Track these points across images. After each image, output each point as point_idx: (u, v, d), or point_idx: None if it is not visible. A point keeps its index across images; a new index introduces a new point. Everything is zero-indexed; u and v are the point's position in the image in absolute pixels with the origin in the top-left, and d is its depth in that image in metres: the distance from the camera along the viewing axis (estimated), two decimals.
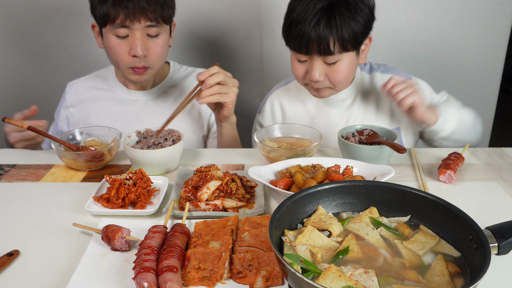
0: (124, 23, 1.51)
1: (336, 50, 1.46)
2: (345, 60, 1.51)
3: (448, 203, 0.89)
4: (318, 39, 1.43)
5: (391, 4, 2.16)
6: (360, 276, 0.77)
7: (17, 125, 1.46)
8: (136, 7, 1.49)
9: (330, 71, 1.52)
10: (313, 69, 1.51)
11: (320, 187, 0.97)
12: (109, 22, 1.52)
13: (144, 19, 1.52)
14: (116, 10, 1.49)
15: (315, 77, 1.51)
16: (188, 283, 0.88)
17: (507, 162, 1.45)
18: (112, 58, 1.63)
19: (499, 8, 2.17)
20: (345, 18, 1.42)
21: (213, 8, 2.19)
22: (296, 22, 1.45)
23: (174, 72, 1.86)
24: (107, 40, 1.58)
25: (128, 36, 1.55)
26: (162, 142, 1.39)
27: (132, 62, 1.59)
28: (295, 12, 1.46)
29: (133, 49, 1.55)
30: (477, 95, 2.38)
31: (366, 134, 1.42)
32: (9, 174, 1.41)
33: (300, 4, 1.45)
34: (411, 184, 1.31)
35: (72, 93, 1.82)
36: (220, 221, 1.07)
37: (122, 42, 1.56)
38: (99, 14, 1.53)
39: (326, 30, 1.42)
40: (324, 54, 1.47)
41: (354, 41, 1.47)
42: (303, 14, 1.43)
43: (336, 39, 1.44)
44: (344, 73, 1.54)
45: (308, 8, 1.43)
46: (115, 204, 1.16)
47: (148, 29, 1.55)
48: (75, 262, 0.97)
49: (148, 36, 1.57)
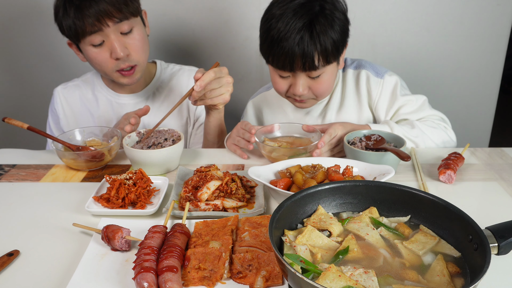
0: (93, 30, 1.49)
1: (320, 64, 1.45)
2: (328, 72, 1.51)
3: (448, 203, 0.89)
4: (303, 56, 1.41)
5: (391, 4, 2.16)
6: (360, 276, 0.77)
7: (17, 125, 1.45)
8: (98, 13, 1.47)
9: (313, 84, 1.52)
10: (297, 84, 1.50)
11: (320, 187, 0.97)
12: (80, 35, 1.51)
13: (111, 21, 1.50)
14: (80, 21, 1.48)
15: (299, 91, 1.51)
16: (188, 283, 0.88)
17: (507, 162, 1.45)
18: (97, 68, 1.63)
19: (499, 8, 2.17)
20: (326, 30, 1.41)
21: (213, 8, 2.19)
22: (278, 40, 1.42)
23: (162, 72, 1.85)
24: (86, 52, 1.58)
25: (104, 42, 1.54)
26: (162, 142, 1.39)
27: (117, 65, 1.59)
28: (275, 29, 1.42)
29: (114, 52, 1.54)
30: (477, 95, 2.38)
31: (374, 139, 1.41)
32: (9, 174, 1.41)
33: (280, 22, 1.42)
34: (411, 184, 1.31)
35: (60, 100, 1.80)
36: (220, 221, 1.07)
37: (101, 50, 1.55)
38: (67, 31, 1.53)
39: (311, 46, 1.40)
40: (308, 70, 1.46)
41: (336, 52, 1.46)
42: (285, 32, 1.40)
43: (319, 53, 1.42)
44: (327, 84, 1.54)
45: (290, 26, 1.40)
46: (115, 204, 1.16)
47: (120, 26, 1.53)
48: (75, 262, 0.97)
49: (123, 35, 1.56)
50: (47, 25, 2.24)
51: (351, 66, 1.73)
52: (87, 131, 1.54)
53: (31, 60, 2.34)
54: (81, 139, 1.53)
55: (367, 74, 1.67)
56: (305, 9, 1.42)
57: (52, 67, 2.34)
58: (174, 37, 2.23)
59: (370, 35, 2.22)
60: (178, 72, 1.87)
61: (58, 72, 2.34)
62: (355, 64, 1.73)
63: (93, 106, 1.80)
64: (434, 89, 2.35)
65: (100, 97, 1.79)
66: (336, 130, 1.43)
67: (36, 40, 2.28)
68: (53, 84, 2.31)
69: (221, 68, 1.47)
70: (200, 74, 1.40)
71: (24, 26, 2.26)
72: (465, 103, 2.40)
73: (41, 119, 1.98)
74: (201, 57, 2.30)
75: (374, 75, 1.67)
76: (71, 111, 1.80)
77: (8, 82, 2.40)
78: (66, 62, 2.32)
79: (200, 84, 1.39)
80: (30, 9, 2.22)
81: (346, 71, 1.72)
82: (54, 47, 2.29)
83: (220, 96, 1.48)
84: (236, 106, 2.38)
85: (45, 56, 2.32)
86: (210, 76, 1.40)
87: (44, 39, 2.27)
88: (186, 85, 1.84)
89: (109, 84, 1.79)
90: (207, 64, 2.30)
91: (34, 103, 2.42)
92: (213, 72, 1.42)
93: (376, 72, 1.68)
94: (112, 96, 1.79)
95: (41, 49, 2.30)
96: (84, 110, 1.80)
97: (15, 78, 2.39)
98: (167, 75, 1.85)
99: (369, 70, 1.68)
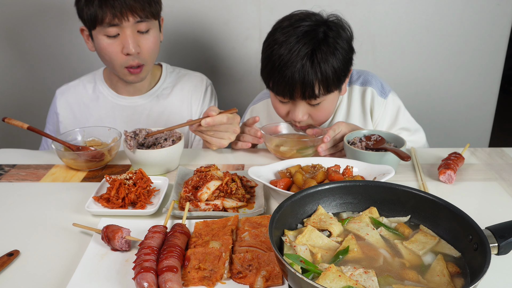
0: (113, 22, 1.50)
1: (320, 93, 1.43)
2: (328, 100, 1.49)
3: (448, 203, 0.89)
4: (303, 85, 1.39)
5: (391, 4, 2.16)
6: (360, 276, 0.77)
7: (17, 125, 1.46)
8: (123, 6, 1.48)
9: (313, 111, 1.50)
10: (296, 110, 1.48)
11: (320, 187, 0.97)
12: (97, 23, 1.51)
13: (133, 17, 1.51)
14: (103, 10, 1.48)
15: (298, 117, 1.49)
16: (188, 283, 0.88)
17: (507, 162, 1.45)
18: (106, 59, 1.61)
19: (499, 8, 2.17)
20: (327, 57, 1.38)
21: (213, 8, 2.19)
22: (279, 67, 1.39)
23: (167, 75, 1.84)
24: (98, 41, 1.57)
25: (119, 35, 1.54)
26: (162, 142, 1.39)
27: (126, 61, 1.59)
28: (276, 56, 1.40)
29: (126, 47, 1.54)
30: (477, 95, 2.38)
31: (374, 139, 1.41)
32: (9, 174, 1.41)
33: (283, 48, 1.39)
34: (411, 184, 1.31)
35: (62, 101, 1.80)
36: (220, 221, 1.07)
37: (114, 42, 1.55)
38: (86, 17, 1.52)
39: (311, 74, 1.38)
40: (308, 98, 1.44)
41: (337, 81, 1.44)
42: (287, 60, 1.38)
43: (320, 82, 1.40)
44: (328, 112, 1.53)
45: (292, 53, 1.37)
46: (115, 204, 1.16)
47: (138, 25, 1.54)
48: (75, 262, 0.97)
49: (138, 33, 1.56)
50: (49, 25, 2.24)
51: (357, 82, 1.71)
52: (87, 131, 1.54)
53: (32, 60, 2.34)
54: (81, 139, 1.53)
55: (372, 92, 1.68)
56: (309, 37, 1.39)
57: (52, 67, 2.34)
58: (174, 37, 2.23)
59: (370, 35, 2.22)
60: (183, 78, 1.86)
61: (59, 73, 2.34)
62: (361, 80, 1.71)
63: (94, 107, 1.79)
64: (434, 89, 2.36)
65: (102, 98, 1.78)
66: (340, 126, 1.44)
67: (37, 40, 2.28)
68: (53, 84, 2.32)
69: (235, 116, 1.46)
70: (214, 113, 1.39)
71: (26, 26, 2.26)
72: (465, 103, 2.40)
73: (41, 119, 1.98)
74: (201, 57, 2.30)
75: (378, 94, 1.68)
76: (72, 112, 1.79)
77: (8, 82, 2.40)
78: (67, 62, 2.32)
79: (209, 122, 1.38)
80: (32, 9, 2.22)
81: (352, 87, 1.71)
82: (56, 47, 2.29)
83: (219, 140, 1.46)
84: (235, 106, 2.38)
85: (46, 56, 2.32)
86: (222, 120, 1.40)
87: (46, 39, 2.27)
88: (188, 91, 1.83)
89: (111, 86, 1.78)
90: (207, 64, 2.30)
91: (34, 103, 2.42)
92: (226, 117, 1.40)
93: (380, 91, 1.68)
94: (114, 98, 1.78)
95: (42, 49, 2.30)
96: (85, 111, 1.79)
97: (15, 78, 2.39)
98: (172, 79, 1.84)
99: (375, 88, 1.68)
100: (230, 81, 2.36)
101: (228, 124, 1.43)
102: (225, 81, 2.35)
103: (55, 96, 1.82)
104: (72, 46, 2.28)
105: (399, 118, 1.68)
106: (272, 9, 2.18)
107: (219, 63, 2.31)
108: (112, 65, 1.62)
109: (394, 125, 1.68)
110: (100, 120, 1.78)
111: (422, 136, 1.71)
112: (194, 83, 1.85)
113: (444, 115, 2.42)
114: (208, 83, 1.88)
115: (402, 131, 1.68)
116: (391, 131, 1.67)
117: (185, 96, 1.82)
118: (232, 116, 1.43)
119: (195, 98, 1.83)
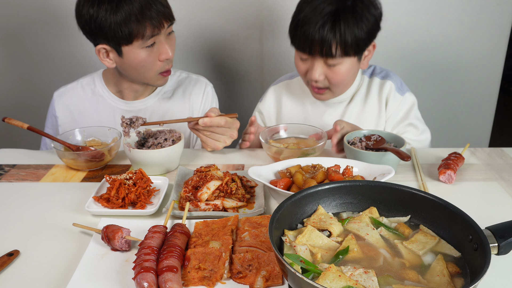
0: (154, 33, 1.49)
1: (338, 53, 1.48)
2: (346, 64, 1.53)
3: (448, 203, 0.89)
4: (321, 42, 1.46)
5: (391, 4, 2.16)
6: (360, 276, 0.77)
7: (17, 125, 1.46)
8: (159, 14, 1.47)
9: (330, 73, 1.54)
10: (314, 68, 1.53)
11: (320, 187, 0.97)
12: (138, 38, 1.47)
13: (166, 22, 1.51)
14: (142, 24, 1.45)
15: (315, 76, 1.54)
16: (188, 283, 0.88)
17: (507, 162, 1.45)
18: (141, 71, 1.57)
19: (499, 8, 2.17)
20: (350, 25, 1.44)
21: (213, 8, 2.19)
22: (302, 23, 1.48)
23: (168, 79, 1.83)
24: (133, 56, 1.52)
25: (154, 43, 1.52)
26: (162, 142, 1.39)
27: (163, 67, 1.58)
28: (302, 13, 1.48)
29: (164, 53, 1.54)
30: (477, 95, 2.38)
31: (374, 140, 1.41)
32: (9, 174, 1.41)
33: (309, 6, 1.48)
34: (411, 184, 1.31)
35: (61, 104, 1.77)
36: (220, 221, 1.07)
37: (151, 51, 1.53)
38: (122, 35, 1.46)
39: (330, 33, 1.44)
40: (325, 56, 1.49)
41: (356, 47, 1.49)
42: (310, 16, 1.46)
43: (338, 43, 1.46)
44: (343, 76, 1.56)
45: (316, 11, 1.45)
46: (115, 204, 1.16)
47: (169, 28, 1.55)
48: (75, 262, 0.97)
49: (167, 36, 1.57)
50: (48, 25, 2.24)
51: (379, 75, 1.75)
52: (87, 131, 1.54)
53: (32, 60, 2.34)
54: (81, 139, 1.53)
55: (391, 86, 1.71)
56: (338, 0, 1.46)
57: (53, 67, 2.34)
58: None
59: None
60: (185, 81, 1.85)
61: (59, 73, 2.35)
62: (383, 74, 1.76)
63: (94, 110, 1.76)
64: (434, 89, 2.36)
65: (101, 101, 1.76)
66: (342, 123, 1.46)
67: (37, 41, 2.28)
68: (53, 84, 2.32)
69: (234, 121, 1.46)
70: (213, 114, 1.40)
71: (25, 27, 2.26)
72: (465, 103, 2.40)
73: (41, 119, 1.97)
74: (201, 57, 2.30)
75: (396, 89, 1.71)
76: (71, 115, 1.77)
77: (8, 82, 2.40)
78: (67, 62, 2.32)
79: (206, 122, 1.39)
80: (32, 11, 2.22)
81: (373, 78, 1.75)
82: (55, 48, 2.29)
83: (214, 142, 1.47)
84: (236, 106, 2.39)
85: (46, 57, 2.32)
86: (219, 122, 1.41)
87: (45, 40, 2.27)
88: (189, 94, 1.82)
89: (112, 89, 1.75)
90: (207, 64, 2.30)
91: (34, 103, 2.43)
92: (224, 120, 1.41)
93: (399, 88, 1.72)
94: (114, 101, 1.75)
95: (42, 50, 2.31)
96: (85, 115, 1.76)
97: (15, 78, 2.39)
98: (173, 82, 1.83)
99: (394, 83, 1.72)
100: (230, 81, 2.36)
101: (226, 128, 1.44)
102: (225, 81, 2.35)
103: (53, 99, 1.78)
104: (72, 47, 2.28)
105: (411, 114, 1.71)
106: (272, 9, 2.17)
107: (219, 63, 2.31)
108: (147, 74, 1.59)
109: (405, 119, 1.71)
110: (101, 124, 1.76)
111: (428, 137, 1.73)
112: (195, 86, 1.84)
113: (444, 115, 2.42)
114: (209, 86, 1.88)
115: (410, 128, 1.70)
116: (400, 125, 1.71)
117: (186, 99, 1.81)
118: (231, 121, 1.44)
119: (196, 102, 1.82)
